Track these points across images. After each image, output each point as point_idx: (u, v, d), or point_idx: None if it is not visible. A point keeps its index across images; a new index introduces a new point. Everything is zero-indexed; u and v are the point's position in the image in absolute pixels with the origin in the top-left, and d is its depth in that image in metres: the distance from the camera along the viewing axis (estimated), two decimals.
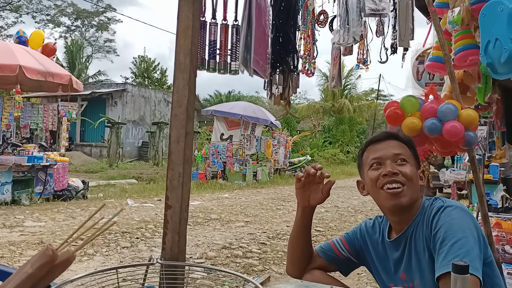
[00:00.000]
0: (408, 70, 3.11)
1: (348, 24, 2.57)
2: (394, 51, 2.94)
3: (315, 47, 2.74)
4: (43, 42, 8.86)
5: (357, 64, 3.10)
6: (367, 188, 1.51)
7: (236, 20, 1.90)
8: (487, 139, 4.10)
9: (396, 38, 2.86)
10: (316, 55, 2.76)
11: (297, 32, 2.58)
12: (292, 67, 2.52)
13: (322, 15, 2.82)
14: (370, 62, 3.07)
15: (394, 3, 2.74)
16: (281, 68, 2.47)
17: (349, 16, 2.58)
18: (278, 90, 2.51)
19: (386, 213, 1.50)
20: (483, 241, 1.31)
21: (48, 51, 8.69)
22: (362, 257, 1.60)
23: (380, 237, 1.55)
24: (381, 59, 3.01)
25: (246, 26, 2.01)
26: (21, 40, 8.53)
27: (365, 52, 3.01)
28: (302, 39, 2.68)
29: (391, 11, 2.71)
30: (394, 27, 2.80)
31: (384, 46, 2.96)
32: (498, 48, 1.58)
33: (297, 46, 2.60)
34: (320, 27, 2.82)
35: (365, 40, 2.95)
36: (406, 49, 2.96)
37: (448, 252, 1.21)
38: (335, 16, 2.78)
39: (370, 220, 1.65)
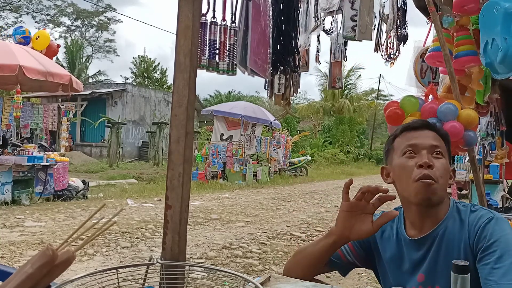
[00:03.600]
0: (408, 68, 3.10)
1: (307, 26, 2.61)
2: (402, 41, 2.94)
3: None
4: (48, 43, 8.90)
5: (386, 60, 3.07)
6: (393, 176, 1.40)
7: (234, 21, 1.90)
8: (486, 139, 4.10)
9: (404, 28, 2.87)
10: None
11: (298, 31, 2.58)
12: (293, 66, 2.52)
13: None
14: (397, 56, 3.03)
15: None
16: (282, 68, 2.47)
17: (308, 17, 2.62)
18: (280, 90, 2.51)
19: (412, 207, 1.37)
20: None
21: (51, 52, 8.71)
22: (368, 259, 1.51)
23: (394, 235, 1.44)
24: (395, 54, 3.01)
25: (243, 26, 2.01)
26: (27, 40, 8.54)
27: (390, 46, 2.99)
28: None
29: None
30: (358, 20, 2.79)
31: (397, 38, 2.95)
32: (495, 48, 1.59)
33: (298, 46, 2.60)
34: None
35: (391, 33, 2.93)
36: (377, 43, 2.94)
37: (509, 270, 1.14)
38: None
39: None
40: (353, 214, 1.30)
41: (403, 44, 3.02)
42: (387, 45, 3.00)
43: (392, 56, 3.03)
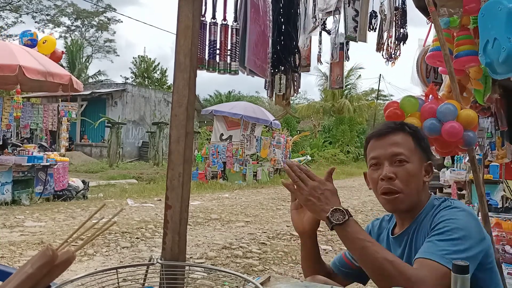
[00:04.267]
0: (412, 67, 3.11)
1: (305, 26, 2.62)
2: (402, 41, 2.94)
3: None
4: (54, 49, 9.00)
5: (386, 60, 3.07)
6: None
7: (235, 20, 1.90)
8: (484, 139, 4.09)
9: (404, 28, 2.87)
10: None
11: (298, 31, 2.58)
12: (294, 67, 2.52)
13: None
14: (398, 56, 3.03)
15: None
16: (283, 68, 2.47)
17: (307, 18, 2.63)
18: (280, 90, 2.50)
19: None
20: (487, 248, 1.26)
21: (55, 58, 8.77)
22: None
23: (385, 236, 1.50)
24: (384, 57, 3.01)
25: (242, 26, 2.00)
26: (34, 43, 8.57)
27: (391, 45, 2.99)
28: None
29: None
30: (359, 21, 2.79)
31: (396, 38, 2.96)
32: (496, 48, 1.58)
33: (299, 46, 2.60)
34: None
35: (391, 33, 2.93)
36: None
37: (437, 243, 1.18)
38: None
39: (378, 220, 1.59)
40: (300, 210, 1.41)
41: (403, 44, 3.03)
42: (388, 45, 3.00)
43: (393, 55, 3.03)
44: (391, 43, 2.99)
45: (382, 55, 3.02)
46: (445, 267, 1.12)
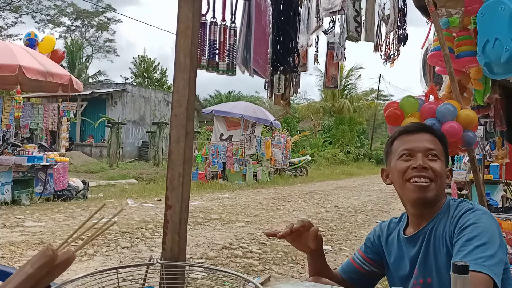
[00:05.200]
0: (420, 69, 3.12)
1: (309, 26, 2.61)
2: (402, 42, 2.95)
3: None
4: (53, 48, 8.94)
5: (385, 60, 3.08)
6: (391, 177, 1.47)
7: (234, 21, 1.90)
8: (483, 139, 4.09)
9: (404, 29, 2.88)
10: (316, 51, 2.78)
11: (297, 31, 2.58)
12: (293, 66, 2.52)
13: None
14: (397, 57, 3.04)
15: None
16: (282, 68, 2.47)
17: (310, 18, 2.62)
18: (279, 90, 2.51)
19: (408, 206, 1.45)
20: (505, 248, 1.30)
21: (56, 58, 8.76)
22: (383, 264, 1.55)
23: (396, 237, 1.50)
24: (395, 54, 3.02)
25: (246, 26, 2.01)
26: (32, 43, 8.56)
27: (390, 46, 2.99)
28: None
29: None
30: (365, 21, 2.79)
31: (397, 39, 2.96)
32: (497, 48, 1.58)
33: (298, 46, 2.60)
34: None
35: (390, 34, 2.94)
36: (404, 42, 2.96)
37: (472, 252, 1.20)
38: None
39: (385, 222, 1.60)
40: (296, 239, 1.44)
41: (403, 45, 3.03)
42: (386, 45, 3.00)
43: (391, 56, 3.04)
44: (389, 43, 3.00)
45: (381, 55, 3.03)
46: (487, 276, 1.15)
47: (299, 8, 2.62)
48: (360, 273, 1.55)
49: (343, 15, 2.70)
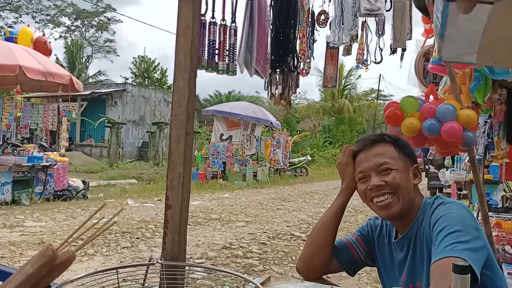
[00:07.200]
0: (409, 67, 3.11)
1: (343, 24, 2.58)
2: (393, 51, 2.94)
3: (308, 47, 2.75)
4: (31, 40, 8.42)
5: (357, 65, 3.12)
6: None
7: (234, 21, 1.90)
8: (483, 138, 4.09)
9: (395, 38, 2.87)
10: (311, 54, 2.76)
11: (296, 31, 2.58)
12: (291, 67, 2.52)
13: (323, 15, 2.82)
14: (370, 62, 3.08)
15: (392, 3, 2.75)
16: (280, 68, 2.47)
17: (344, 16, 2.59)
18: (278, 90, 2.51)
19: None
20: (484, 239, 1.26)
21: (42, 48, 8.35)
22: (374, 257, 1.55)
23: (386, 238, 1.50)
24: (375, 59, 3.03)
25: (248, 26, 2.01)
26: (11, 41, 8.29)
27: (364, 52, 3.02)
28: (298, 39, 2.67)
29: (387, 10, 2.71)
30: (393, 27, 2.81)
31: (379, 46, 2.98)
32: None
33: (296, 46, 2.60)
34: (320, 27, 2.82)
35: (364, 40, 2.96)
36: (404, 50, 2.97)
37: (443, 240, 1.17)
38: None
39: (377, 218, 1.57)
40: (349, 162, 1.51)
41: (392, 54, 3.05)
42: (358, 53, 3.05)
43: (364, 63, 3.08)
44: (362, 50, 3.03)
45: (355, 60, 3.06)
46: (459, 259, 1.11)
47: (298, 9, 2.61)
48: (353, 257, 1.54)
49: (384, 17, 2.72)
